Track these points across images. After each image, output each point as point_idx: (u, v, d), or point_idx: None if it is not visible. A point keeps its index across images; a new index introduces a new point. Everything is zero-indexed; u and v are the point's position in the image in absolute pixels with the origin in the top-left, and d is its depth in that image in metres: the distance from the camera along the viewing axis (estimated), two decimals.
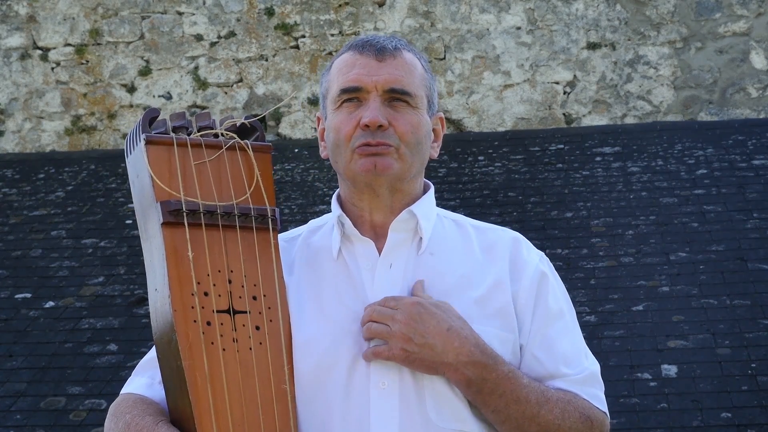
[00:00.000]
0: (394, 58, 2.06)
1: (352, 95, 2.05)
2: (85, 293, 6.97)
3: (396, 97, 2.05)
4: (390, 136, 2.03)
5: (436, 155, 2.16)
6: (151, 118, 1.96)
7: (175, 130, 1.97)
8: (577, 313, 7.08)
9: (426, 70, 2.12)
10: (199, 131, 1.99)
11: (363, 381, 1.98)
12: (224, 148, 1.98)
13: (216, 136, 1.99)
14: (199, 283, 1.90)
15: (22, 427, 5.88)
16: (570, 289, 7.44)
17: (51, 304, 6.88)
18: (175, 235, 1.91)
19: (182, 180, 1.93)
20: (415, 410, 1.97)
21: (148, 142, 1.93)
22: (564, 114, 8.77)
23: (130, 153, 1.98)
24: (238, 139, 1.99)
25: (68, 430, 5.84)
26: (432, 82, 2.13)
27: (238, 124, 2.02)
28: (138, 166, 1.95)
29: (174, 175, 1.93)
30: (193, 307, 1.89)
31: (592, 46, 8.74)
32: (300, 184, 8.02)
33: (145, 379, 2.08)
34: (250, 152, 2.00)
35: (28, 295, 7.00)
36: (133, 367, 6.83)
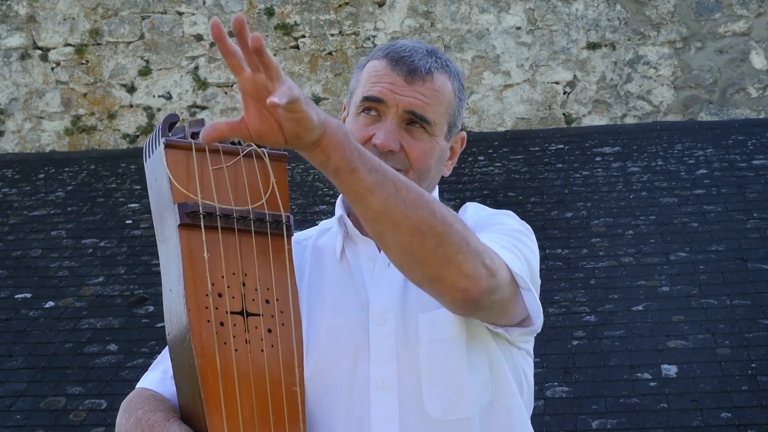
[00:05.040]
0: (424, 83, 2.04)
1: (373, 105, 2.04)
2: (85, 293, 6.97)
3: (414, 120, 2.04)
4: (399, 161, 2.03)
5: (448, 173, 2.16)
6: (170, 123, 1.98)
7: (193, 136, 1.99)
8: (577, 313, 6.99)
9: (456, 92, 2.09)
10: None
11: (364, 381, 2.00)
12: (241, 154, 2.00)
13: (234, 143, 2.01)
14: (213, 284, 1.92)
15: (22, 427, 5.88)
16: (570, 289, 7.38)
17: (51, 304, 6.89)
18: (191, 236, 1.92)
19: (200, 184, 1.95)
20: (414, 406, 1.99)
21: (167, 146, 1.95)
22: (564, 114, 8.77)
23: (149, 157, 2.01)
24: (255, 146, 2.01)
25: (68, 430, 5.84)
26: (459, 106, 2.10)
27: None
28: (157, 169, 1.98)
29: (192, 178, 1.95)
30: (207, 308, 1.91)
31: (592, 46, 8.74)
32: (300, 184, 8.03)
33: (158, 374, 2.09)
34: (267, 160, 2.02)
35: (28, 295, 7.00)
36: (133, 367, 6.83)
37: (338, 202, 2.15)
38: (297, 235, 2.17)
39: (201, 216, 1.93)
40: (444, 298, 1.88)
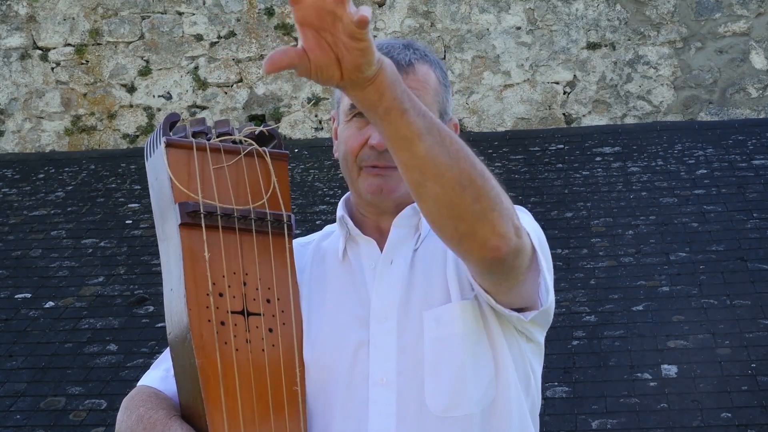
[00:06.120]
0: (407, 75, 2.03)
1: None
2: (85, 293, 6.97)
3: None
4: None
5: None
6: (171, 122, 1.98)
7: (194, 135, 1.99)
8: (577, 313, 6.98)
9: (440, 80, 2.09)
10: (218, 137, 2.01)
11: (363, 377, 2.00)
12: (242, 153, 2.00)
13: (235, 142, 2.01)
14: (214, 283, 1.92)
15: (22, 427, 5.88)
16: (570, 289, 7.38)
17: (51, 304, 6.88)
18: (192, 236, 1.93)
19: (201, 183, 1.95)
20: (414, 402, 1.99)
21: (168, 145, 1.95)
22: (564, 114, 8.77)
23: (150, 156, 2.00)
24: (256, 146, 2.01)
25: (68, 430, 5.84)
26: (446, 93, 2.10)
27: (256, 132, 2.04)
28: (158, 168, 1.98)
29: (193, 177, 1.95)
30: (207, 307, 1.91)
31: (592, 46, 8.74)
32: (300, 184, 8.02)
33: (160, 372, 2.09)
34: (268, 159, 2.02)
35: (28, 295, 7.00)
36: (133, 367, 6.82)
37: (340, 203, 2.15)
38: (300, 239, 2.18)
39: (202, 215, 1.93)
40: (472, 255, 1.85)
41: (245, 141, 2.02)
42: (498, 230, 1.81)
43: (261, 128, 2.04)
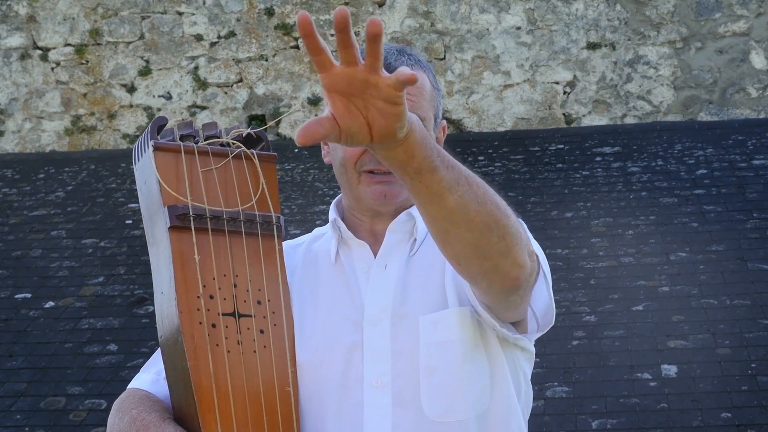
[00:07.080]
0: None
1: None
2: (85, 293, 6.97)
3: None
4: None
5: None
6: (159, 125, 1.98)
7: (182, 138, 1.99)
8: (577, 313, 6.98)
9: (433, 85, 2.10)
10: (206, 140, 2.01)
11: (357, 379, 2.00)
12: (230, 156, 2.00)
13: (222, 145, 2.01)
14: (204, 286, 1.93)
15: (22, 427, 5.88)
16: (570, 289, 7.37)
17: (51, 304, 6.88)
18: (181, 239, 1.93)
19: (189, 186, 1.95)
20: (409, 406, 1.99)
21: (156, 149, 1.95)
22: (564, 114, 8.77)
23: (138, 160, 2.01)
24: (244, 148, 2.01)
25: (68, 430, 5.84)
26: (438, 97, 2.12)
27: (244, 134, 2.04)
28: (146, 172, 1.98)
29: (181, 180, 1.95)
30: (198, 310, 1.91)
31: (592, 46, 8.74)
32: (300, 184, 8.02)
33: (151, 375, 2.10)
34: (256, 161, 2.02)
35: (28, 295, 7.00)
36: (133, 367, 6.82)
37: (332, 205, 2.16)
38: (290, 241, 2.18)
39: (191, 218, 1.93)
40: (494, 288, 1.87)
41: (233, 143, 2.02)
42: (518, 261, 1.84)
43: (248, 130, 2.05)
